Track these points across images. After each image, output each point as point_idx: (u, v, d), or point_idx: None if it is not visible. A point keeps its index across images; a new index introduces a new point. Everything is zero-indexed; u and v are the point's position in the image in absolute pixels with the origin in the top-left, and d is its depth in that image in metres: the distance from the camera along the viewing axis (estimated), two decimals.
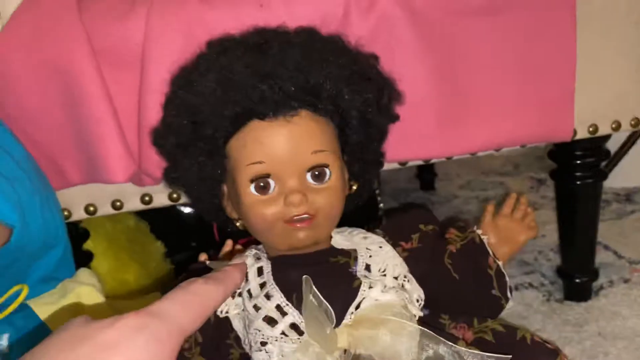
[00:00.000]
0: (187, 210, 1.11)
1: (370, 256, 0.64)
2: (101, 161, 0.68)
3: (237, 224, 0.66)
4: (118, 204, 0.76)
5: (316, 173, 0.60)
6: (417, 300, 0.64)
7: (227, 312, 0.62)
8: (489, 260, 0.69)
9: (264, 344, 0.58)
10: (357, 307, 0.59)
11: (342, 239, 0.66)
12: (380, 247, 0.65)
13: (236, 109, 0.58)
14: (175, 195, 0.77)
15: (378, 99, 0.63)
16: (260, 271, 0.62)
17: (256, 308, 0.59)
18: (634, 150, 1.41)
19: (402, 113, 0.69)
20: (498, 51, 0.75)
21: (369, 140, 0.66)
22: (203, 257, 0.73)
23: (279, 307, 0.59)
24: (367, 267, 0.63)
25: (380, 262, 0.63)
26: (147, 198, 0.76)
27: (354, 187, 0.67)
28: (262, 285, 0.61)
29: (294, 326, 0.58)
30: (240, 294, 0.62)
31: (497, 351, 0.57)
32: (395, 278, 0.63)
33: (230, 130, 0.60)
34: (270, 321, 0.58)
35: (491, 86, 0.75)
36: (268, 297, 0.59)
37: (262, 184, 0.60)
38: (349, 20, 0.70)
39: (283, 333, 0.58)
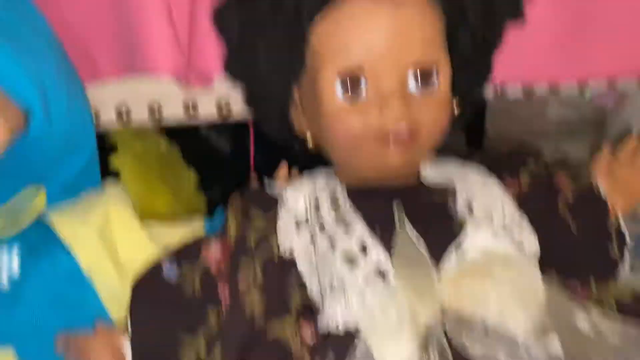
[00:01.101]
0: (219, 138, 0.99)
1: (472, 192, 0.51)
2: (142, 46, 0.55)
3: (308, 140, 0.52)
4: (156, 107, 0.63)
5: (422, 74, 0.47)
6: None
7: (291, 249, 0.49)
8: (610, 215, 0.55)
9: (341, 291, 0.45)
10: (459, 256, 0.46)
11: (434, 171, 0.53)
12: (484, 181, 0.52)
13: None
14: (224, 106, 0.64)
15: None
16: (334, 197, 0.49)
17: (331, 242, 0.47)
18: None
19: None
20: None
21: (485, 41, 0.52)
22: (282, 169, 0.59)
23: (360, 244, 0.46)
24: (469, 206, 0.50)
25: (485, 199, 0.50)
26: (190, 105, 0.63)
27: (455, 108, 0.53)
28: (338, 216, 0.48)
29: (379, 271, 0.45)
30: (308, 225, 0.49)
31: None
32: (502, 217, 0.50)
33: (318, 4, 0.46)
34: (350, 260, 0.46)
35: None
36: (346, 227, 0.47)
37: (352, 81, 0.46)
38: None
39: (366, 278, 0.45)
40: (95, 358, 0.47)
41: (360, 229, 0.46)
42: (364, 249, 0.46)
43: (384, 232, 0.46)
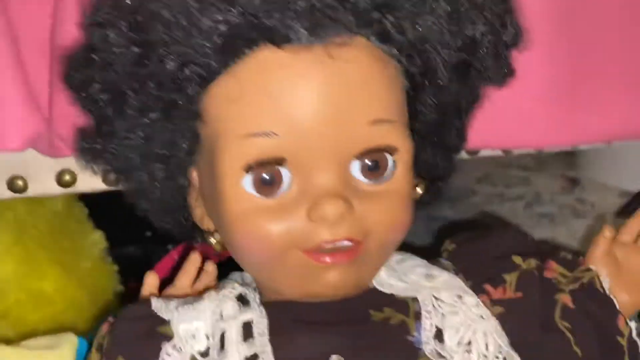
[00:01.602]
0: None
1: (442, 314, 0.37)
2: None
3: (212, 241, 0.37)
4: (19, 183, 0.47)
5: (370, 163, 0.33)
6: None
7: None
8: (619, 322, 0.42)
9: None
10: None
11: (388, 275, 0.39)
12: (460, 296, 0.38)
13: (236, 22, 0.29)
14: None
15: (492, 37, 0.35)
16: (248, 330, 0.35)
17: None
18: None
19: None
20: None
21: (458, 109, 0.38)
22: (150, 281, 0.45)
23: None
24: (439, 334, 0.36)
25: (461, 327, 0.36)
26: (67, 177, 0.47)
27: (418, 190, 0.39)
28: None
29: None
30: None
31: None
32: (485, 356, 0.36)
33: (214, 66, 0.31)
34: None
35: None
36: None
37: (267, 176, 0.31)
38: None
39: None
40: None
41: None
42: None
43: None
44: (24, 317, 0.62)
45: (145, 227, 0.87)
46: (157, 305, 0.37)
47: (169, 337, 0.35)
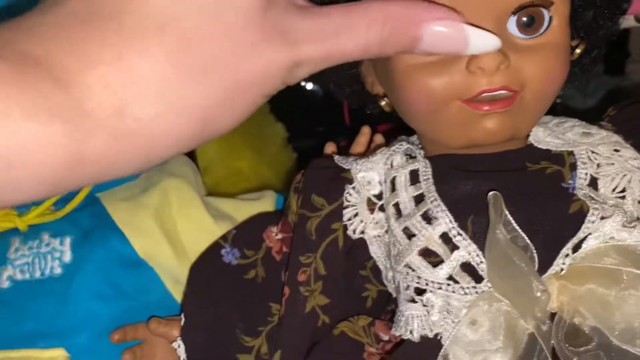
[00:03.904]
0: (310, 86, 0.91)
1: (598, 164, 0.39)
2: None
3: (382, 103, 0.43)
4: None
5: (525, 19, 0.35)
6: None
7: (362, 233, 0.42)
8: None
9: (420, 292, 0.37)
10: (577, 249, 0.36)
11: (546, 134, 0.42)
12: (617, 150, 0.40)
13: None
14: None
15: None
16: (414, 177, 0.40)
17: (408, 234, 0.39)
18: None
19: None
20: None
21: None
22: (330, 148, 0.53)
23: (445, 237, 0.37)
24: (593, 183, 0.39)
25: (616, 176, 0.39)
26: None
27: (577, 51, 0.41)
28: (419, 200, 0.39)
29: (467, 267, 0.37)
30: (383, 208, 0.42)
31: None
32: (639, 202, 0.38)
33: None
34: (431, 256, 0.37)
35: None
36: (428, 218, 0.38)
37: None
38: None
39: (451, 278, 0.37)
40: (149, 353, 0.44)
41: (445, 220, 0.37)
42: (449, 244, 0.37)
43: (477, 225, 0.37)
44: (228, 191, 0.75)
45: (318, 124, 0.97)
46: (338, 159, 0.45)
47: (350, 181, 0.42)
